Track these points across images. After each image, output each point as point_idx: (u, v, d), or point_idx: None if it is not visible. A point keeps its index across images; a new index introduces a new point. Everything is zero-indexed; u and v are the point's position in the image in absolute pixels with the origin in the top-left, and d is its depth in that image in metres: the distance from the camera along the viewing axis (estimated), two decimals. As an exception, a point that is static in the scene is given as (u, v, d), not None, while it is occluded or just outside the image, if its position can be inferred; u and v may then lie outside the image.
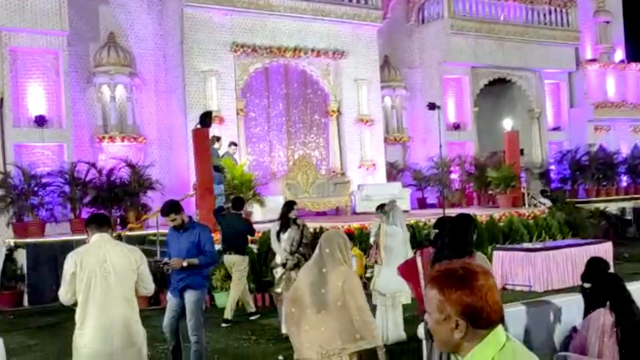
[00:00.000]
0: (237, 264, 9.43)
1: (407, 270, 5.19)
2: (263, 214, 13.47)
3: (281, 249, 8.10)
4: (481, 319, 1.89)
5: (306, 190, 15.86)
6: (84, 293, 4.67)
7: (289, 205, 8.60)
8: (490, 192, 18.12)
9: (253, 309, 9.76)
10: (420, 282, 4.91)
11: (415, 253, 5.16)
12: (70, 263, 4.70)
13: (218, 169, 12.95)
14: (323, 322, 3.94)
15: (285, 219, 8.31)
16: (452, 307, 1.89)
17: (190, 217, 6.62)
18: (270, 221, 10.53)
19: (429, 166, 18.84)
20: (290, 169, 16.45)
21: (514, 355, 1.90)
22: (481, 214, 13.85)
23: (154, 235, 11.73)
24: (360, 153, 17.94)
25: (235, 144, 14.44)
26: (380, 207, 8.05)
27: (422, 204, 19.14)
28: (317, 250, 4.19)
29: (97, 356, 4.65)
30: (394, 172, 19.16)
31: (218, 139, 13.84)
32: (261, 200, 13.11)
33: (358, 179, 17.48)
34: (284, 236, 8.11)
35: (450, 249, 4.49)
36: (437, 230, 5.05)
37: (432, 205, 18.86)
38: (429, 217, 13.94)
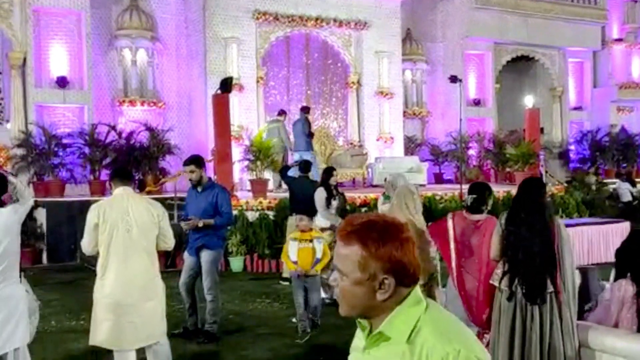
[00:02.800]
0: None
1: (437, 231, 5.19)
2: (275, 182, 13.63)
3: (332, 216, 8.19)
4: (408, 275, 1.68)
5: (323, 161, 15.76)
6: (106, 244, 4.73)
7: (328, 172, 8.65)
8: (507, 169, 17.92)
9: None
10: (449, 243, 4.97)
11: (447, 217, 5.15)
12: (93, 214, 4.75)
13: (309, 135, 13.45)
14: None
15: (326, 185, 8.35)
16: (378, 263, 1.65)
17: (209, 178, 6.61)
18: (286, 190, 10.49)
19: (447, 141, 18.68)
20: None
21: (440, 314, 1.72)
22: (499, 190, 13.72)
23: (172, 199, 11.70)
24: (379, 126, 17.81)
25: (284, 113, 14.45)
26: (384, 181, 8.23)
27: (438, 179, 19.00)
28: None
29: (117, 307, 4.72)
30: (411, 146, 19.03)
31: (283, 112, 14.12)
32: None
33: (375, 152, 17.40)
34: (335, 203, 8.26)
35: (526, 212, 4.42)
36: (474, 195, 5.01)
37: (449, 181, 18.68)
38: (444, 191, 13.90)
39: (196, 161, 6.35)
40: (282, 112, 14.42)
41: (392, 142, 17.95)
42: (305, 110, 14.13)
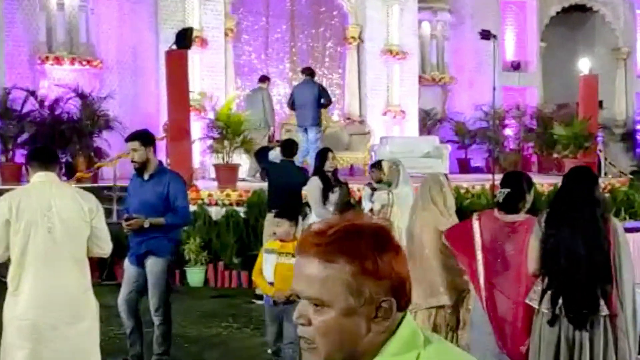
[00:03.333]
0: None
1: (458, 236, 5.27)
2: (252, 168, 13.57)
3: (330, 213, 8.14)
4: (405, 295, 1.62)
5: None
6: (20, 248, 4.66)
7: (323, 155, 8.73)
8: (555, 155, 17.96)
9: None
10: (474, 253, 5.00)
11: (471, 217, 5.21)
12: (3, 208, 4.68)
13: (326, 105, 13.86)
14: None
15: (322, 173, 8.45)
16: (377, 281, 1.57)
17: (160, 162, 6.62)
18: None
19: (476, 117, 18.71)
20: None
21: (445, 350, 1.65)
22: (542, 182, 13.75)
23: (110, 189, 11.75)
24: (386, 95, 17.61)
25: (267, 79, 14.73)
26: (376, 165, 8.27)
27: (464, 166, 19.00)
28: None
29: (35, 331, 4.67)
30: (429, 123, 18.97)
31: (266, 78, 14.41)
32: (252, 149, 12.71)
33: (381, 130, 17.22)
34: (334, 196, 8.36)
35: (571, 207, 4.50)
36: (508, 189, 5.07)
37: (478, 170, 18.67)
38: (471, 183, 13.85)
39: (142, 137, 6.35)
40: (264, 79, 14.60)
41: (403, 117, 17.78)
42: (307, 72, 14.11)
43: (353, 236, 1.58)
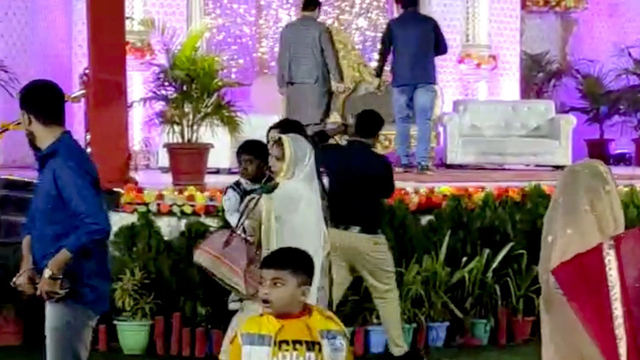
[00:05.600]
0: (365, 252, 8.30)
1: (577, 274, 4.35)
2: (232, 148, 11.01)
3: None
4: None
5: (338, 107, 13.45)
6: None
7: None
8: None
9: (404, 348, 8.59)
10: (608, 303, 4.20)
11: (601, 244, 4.24)
12: None
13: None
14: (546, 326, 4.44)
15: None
16: None
17: (65, 134, 5.36)
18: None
19: (619, 69, 15.79)
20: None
21: None
22: None
23: None
24: (464, 30, 14.86)
25: (319, 3, 12.55)
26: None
27: (598, 151, 15.31)
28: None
29: None
30: (538, 78, 16.13)
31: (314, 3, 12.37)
32: (233, 119, 10.64)
33: (455, 90, 14.85)
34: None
35: None
36: None
37: (622, 158, 15.93)
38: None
39: (32, 93, 5.43)
40: (311, 3, 12.18)
41: (493, 67, 15.03)
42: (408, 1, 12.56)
43: None
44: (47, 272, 4.99)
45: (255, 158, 7.26)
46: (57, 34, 13.87)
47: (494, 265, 8.82)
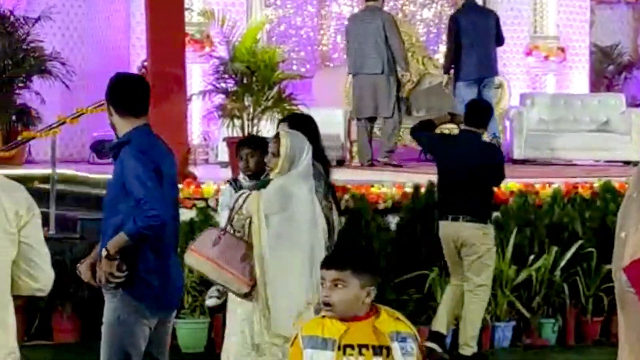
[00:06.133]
0: (471, 242, 8.25)
1: None
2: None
3: None
4: None
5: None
6: None
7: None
8: None
9: (474, 349, 8.50)
10: None
11: None
12: None
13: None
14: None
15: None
16: None
17: (143, 127, 5.44)
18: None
19: None
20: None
21: None
22: None
23: (47, 178, 9.86)
24: (532, 21, 14.73)
25: None
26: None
27: None
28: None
29: None
30: (608, 70, 16.07)
31: None
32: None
33: (522, 82, 14.76)
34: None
35: None
36: None
37: None
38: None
39: (113, 87, 5.52)
40: None
41: (562, 59, 14.94)
42: None
43: None
44: (103, 252, 5.12)
45: (256, 152, 7.22)
46: (115, 26, 13.88)
47: (562, 263, 8.66)
